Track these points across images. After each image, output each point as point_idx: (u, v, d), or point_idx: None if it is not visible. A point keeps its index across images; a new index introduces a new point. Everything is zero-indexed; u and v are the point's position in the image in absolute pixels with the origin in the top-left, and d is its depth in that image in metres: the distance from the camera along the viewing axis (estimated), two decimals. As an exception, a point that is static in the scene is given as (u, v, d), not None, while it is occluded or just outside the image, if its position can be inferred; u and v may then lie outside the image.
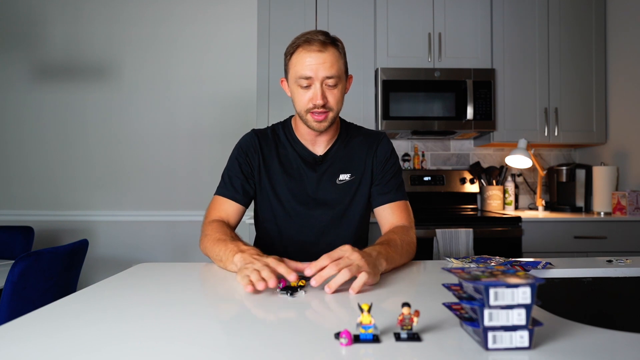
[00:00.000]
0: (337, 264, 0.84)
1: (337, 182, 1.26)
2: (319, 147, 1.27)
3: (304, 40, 1.12)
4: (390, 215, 1.23)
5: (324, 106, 1.13)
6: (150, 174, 2.98)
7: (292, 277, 0.83)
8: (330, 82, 1.13)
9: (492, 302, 0.52)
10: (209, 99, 3.00)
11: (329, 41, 1.13)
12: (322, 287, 0.84)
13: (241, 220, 1.27)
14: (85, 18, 2.98)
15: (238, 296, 0.84)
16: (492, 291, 0.52)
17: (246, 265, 0.88)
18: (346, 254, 0.86)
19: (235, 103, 2.99)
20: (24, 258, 1.56)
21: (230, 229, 1.17)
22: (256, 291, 0.82)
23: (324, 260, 0.85)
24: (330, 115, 1.16)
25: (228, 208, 1.22)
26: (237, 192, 1.23)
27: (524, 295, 0.52)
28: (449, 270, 0.61)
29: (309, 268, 0.84)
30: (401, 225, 1.20)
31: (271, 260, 0.87)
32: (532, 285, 0.52)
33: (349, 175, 1.27)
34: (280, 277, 0.85)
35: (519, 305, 0.53)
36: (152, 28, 3.00)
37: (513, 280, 0.53)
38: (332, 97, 1.15)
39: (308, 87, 1.13)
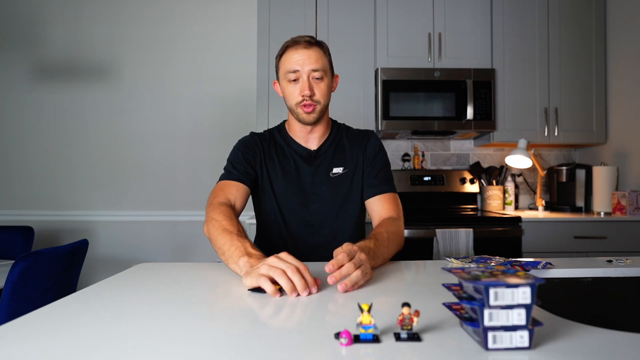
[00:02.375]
0: (354, 263, 0.84)
1: (331, 175, 1.32)
2: (312, 143, 1.34)
3: (292, 42, 1.24)
4: (379, 207, 1.28)
5: (311, 98, 1.22)
6: (150, 174, 2.98)
7: (314, 290, 0.81)
8: (317, 74, 1.22)
9: (492, 302, 0.52)
10: (209, 99, 3.00)
11: (314, 42, 1.25)
12: (321, 289, 0.84)
13: (243, 210, 1.26)
14: (85, 18, 2.98)
15: (238, 296, 0.84)
16: (492, 291, 0.52)
17: (265, 269, 0.82)
18: (357, 254, 0.88)
19: (235, 103, 2.99)
20: (24, 258, 1.56)
21: (237, 218, 1.13)
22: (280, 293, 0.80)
23: (344, 257, 0.84)
24: (318, 107, 1.25)
25: (234, 191, 1.23)
26: (241, 174, 1.27)
27: (524, 295, 0.52)
28: (449, 270, 0.61)
29: (330, 264, 0.83)
30: (389, 217, 1.24)
31: (292, 266, 0.82)
32: (532, 285, 0.52)
33: (342, 168, 1.32)
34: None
35: (519, 305, 0.53)
36: (152, 28, 3.00)
37: (513, 280, 0.53)
38: (318, 90, 1.24)
39: (296, 81, 1.23)
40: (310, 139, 1.33)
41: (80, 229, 2.95)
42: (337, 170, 1.32)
